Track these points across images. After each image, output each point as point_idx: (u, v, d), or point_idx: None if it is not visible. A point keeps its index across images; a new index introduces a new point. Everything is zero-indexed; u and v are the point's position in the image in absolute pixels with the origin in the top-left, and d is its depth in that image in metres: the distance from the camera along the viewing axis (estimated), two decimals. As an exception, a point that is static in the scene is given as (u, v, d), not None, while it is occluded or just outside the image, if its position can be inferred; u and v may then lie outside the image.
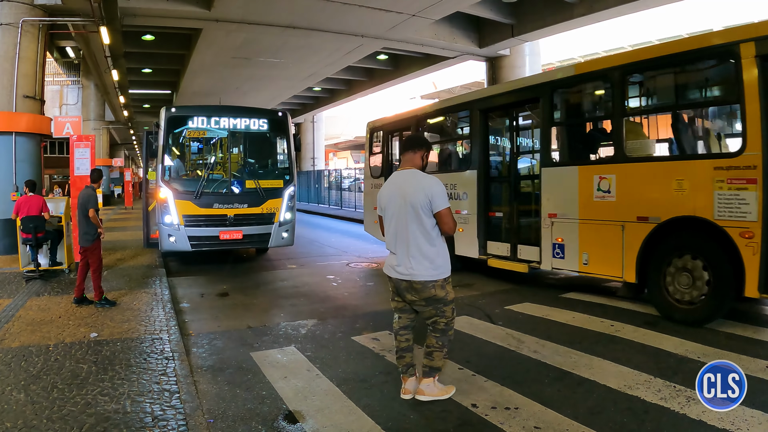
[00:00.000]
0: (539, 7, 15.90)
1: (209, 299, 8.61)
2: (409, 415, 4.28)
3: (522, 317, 7.24)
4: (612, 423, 4.09)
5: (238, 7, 14.03)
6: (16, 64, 11.93)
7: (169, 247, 10.75)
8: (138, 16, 14.44)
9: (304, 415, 4.28)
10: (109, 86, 24.76)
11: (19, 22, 11.78)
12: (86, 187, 7.91)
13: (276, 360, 5.62)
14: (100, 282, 7.68)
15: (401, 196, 4.33)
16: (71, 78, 32.80)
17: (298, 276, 10.52)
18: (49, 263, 10.02)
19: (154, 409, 4.22)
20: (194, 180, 11.07)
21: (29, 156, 12.37)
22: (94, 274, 7.66)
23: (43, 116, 12.92)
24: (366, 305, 8.11)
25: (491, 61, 19.49)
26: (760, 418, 4.07)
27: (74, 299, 7.67)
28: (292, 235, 11.60)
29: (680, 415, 4.19)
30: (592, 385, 4.80)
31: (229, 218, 10.74)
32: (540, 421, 4.12)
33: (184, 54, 20.20)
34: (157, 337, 6.06)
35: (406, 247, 4.32)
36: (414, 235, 4.28)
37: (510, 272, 9.49)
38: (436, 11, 14.38)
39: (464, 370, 5.23)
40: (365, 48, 18.58)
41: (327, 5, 13.70)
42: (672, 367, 5.20)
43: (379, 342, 6.17)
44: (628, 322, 6.86)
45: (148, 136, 11.73)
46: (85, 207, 7.63)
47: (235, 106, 13.91)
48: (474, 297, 8.50)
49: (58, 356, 5.39)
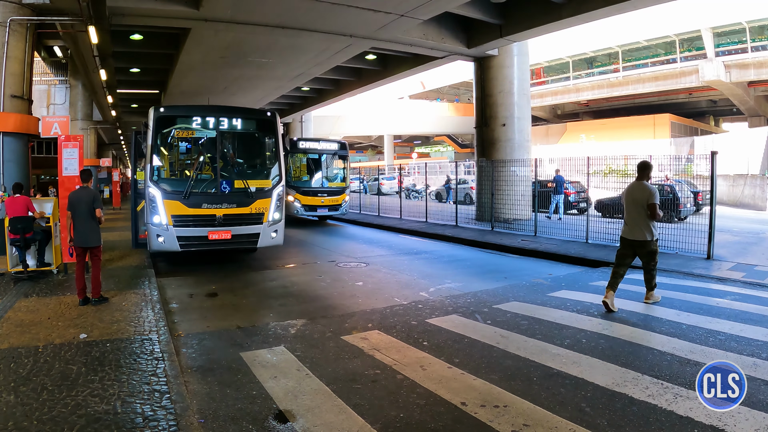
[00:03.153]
0: (527, 7, 15.94)
1: (198, 299, 8.59)
2: (399, 414, 4.32)
3: (510, 315, 7.30)
4: (600, 420, 4.14)
5: (226, 6, 13.96)
6: (4, 64, 11.82)
7: (157, 248, 10.72)
8: (126, 15, 14.32)
9: (294, 415, 4.30)
10: (97, 86, 24.56)
11: (7, 21, 11.67)
12: (84, 188, 7.90)
13: (266, 360, 5.64)
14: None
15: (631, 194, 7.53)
16: (59, 77, 32.47)
17: (287, 276, 10.52)
18: (37, 264, 9.96)
19: (145, 410, 4.22)
20: (183, 180, 11.03)
21: (17, 156, 12.26)
22: (100, 271, 7.85)
23: (31, 116, 12.81)
24: (355, 305, 8.12)
25: (480, 62, 19.52)
26: (746, 414, 4.14)
27: (80, 301, 7.64)
28: (281, 235, 11.60)
29: (667, 411, 4.25)
30: (580, 383, 4.85)
31: (218, 218, 10.73)
32: (529, 419, 4.17)
33: (173, 54, 20.05)
34: (147, 338, 6.05)
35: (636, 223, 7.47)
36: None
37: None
38: (424, 11, 14.37)
39: (453, 368, 5.27)
40: (354, 48, 18.54)
41: (316, 5, 13.66)
42: (660, 365, 5.27)
43: (369, 341, 6.20)
44: (616, 320, 6.95)
45: (137, 136, 11.68)
46: (92, 206, 7.71)
47: (224, 106, 13.88)
48: (462, 296, 8.55)
49: (48, 357, 5.37)
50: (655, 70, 44.34)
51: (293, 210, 19.76)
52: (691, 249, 11.93)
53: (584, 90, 50.20)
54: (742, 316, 7.11)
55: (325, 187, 20.86)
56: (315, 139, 22.36)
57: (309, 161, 21.08)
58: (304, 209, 20.18)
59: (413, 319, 7.22)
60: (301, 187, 20.31)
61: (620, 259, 7.67)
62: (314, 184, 20.76)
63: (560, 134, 53.28)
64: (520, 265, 11.76)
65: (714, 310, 7.44)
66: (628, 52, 46.19)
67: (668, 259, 11.52)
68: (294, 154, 20.53)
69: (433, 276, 10.27)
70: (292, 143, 20.38)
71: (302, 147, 20.89)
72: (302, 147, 20.89)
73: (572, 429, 4.00)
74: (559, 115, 60.18)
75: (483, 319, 7.16)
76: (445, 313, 7.50)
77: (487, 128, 19.39)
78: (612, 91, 48.33)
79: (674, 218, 15.45)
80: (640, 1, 14.89)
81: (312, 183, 20.77)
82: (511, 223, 17.13)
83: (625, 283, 9.00)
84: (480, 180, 19.35)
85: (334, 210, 20.98)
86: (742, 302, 7.89)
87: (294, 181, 20.25)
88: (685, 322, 6.81)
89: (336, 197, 20.90)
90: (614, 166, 17.05)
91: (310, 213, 20.64)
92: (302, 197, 20.11)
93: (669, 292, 8.54)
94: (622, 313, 7.29)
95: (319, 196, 20.45)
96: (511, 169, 17.33)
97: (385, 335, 6.43)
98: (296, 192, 20.04)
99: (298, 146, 20.72)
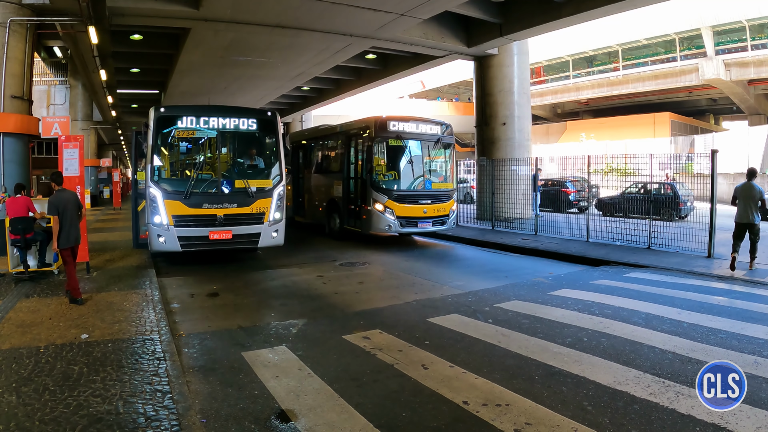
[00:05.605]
0: (527, 6, 15.93)
1: (199, 299, 8.59)
2: (401, 413, 4.32)
3: (511, 314, 7.30)
4: (602, 419, 4.14)
5: (226, 6, 13.95)
6: (4, 64, 11.79)
7: (158, 248, 10.71)
8: (126, 15, 14.31)
9: (296, 414, 4.30)
10: (97, 86, 24.54)
11: (7, 22, 11.65)
12: (63, 190, 8.11)
13: (267, 359, 5.64)
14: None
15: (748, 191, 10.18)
16: (59, 78, 32.48)
17: (288, 275, 10.52)
18: (38, 264, 9.96)
19: (147, 410, 4.22)
20: (183, 180, 11.02)
21: (17, 156, 12.25)
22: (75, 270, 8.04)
23: (31, 116, 12.80)
24: (356, 304, 8.12)
25: (480, 61, 19.52)
26: (748, 412, 4.15)
27: (78, 300, 7.69)
28: (282, 235, 11.59)
29: (669, 410, 4.26)
30: (582, 382, 4.86)
31: (219, 218, 10.73)
32: (531, 418, 4.17)
33: (173, 54, 20.04)
34: (148, 338, 6.05)
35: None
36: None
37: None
38: (424, 11, 14.36)
39: (455, 367, 5.27)
40: (354, 47, 18.53)
41: (315, 5, 13.65)
42: (661, 363, 5.27)
43: (370, 341, 6.20)
44: (617, 319, 6.95)
45: (137, 136, 11.66)
46: (79, 206, 8.02)
47: (224, 106, 13.87)
48: (463, 295, 8.55)
49: (49, 358, 5.37)
50: (655, 68, 44.28)
51: (384, 225, 13.75)
52: (691, 247, 11.93)
53: (584, 89, 50.15)
54: (743, 314, 7.12)
55: (430, 191, 14.60)
56: (411, 119, 14.88)
57: (402, 151, 14.61)
58: (400, 223, 13.83)
59: (414, 318, 7.22)
60: (395, 191, 13.94)
61: (739, 235, 10.31)
62: (414, 185, 14.50)
63: (560, 133, 53.21)
64: (521, 264, 11.76)
65: (715, 308, 7.44)
66: (628, 50, 46.13)
67: (669, 257, 11.52)
68: (382, 142, 14.14)
69: (434, 275, 10.27)
70: (380, 124, 14.06)
71: (394, 129, 14.18)
72: (394, 129, 14.18)
73: (574, 427, 4.00)
74: (559, 114, 60.10)
75: (484, 318, 7.16)
76: (447, 312, 7.49)
77: (488, 127, 19.41)
78: (612, 90, 48.26)
79: (675, 217, 15.46)
80: (639, 0, 14.90)
81: (411, 184, 14.49)
82: (512, 222, 17.12)
83: (626, 282, 9.02)
84: (480, 179, 19.32)
85: (440, 224, 14.69)
86: (743, 300, 7.90)
87: (382, 181, 14.04)
88: (686, 320, 6.82)
89: (443, 203, 14.67)
90: (614, 165, 17.05)
91: (410, 229, 14.31)
92: (398, 206, 13.78)
93: (670, 290, 8.55)
94: (623, 311, 7.29)
95: (420, 203, 14.25)
96: (511, 168, 17.33)
97: (387, 334, 6.43)
98: (388, 197, 13.76)
99: (388, 128, 14.10)
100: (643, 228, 13.20)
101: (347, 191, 14.86)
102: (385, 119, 14.14)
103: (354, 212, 14.61)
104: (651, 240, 12.85)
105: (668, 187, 17.63)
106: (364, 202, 14.03)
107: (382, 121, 14.10)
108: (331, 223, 15.99)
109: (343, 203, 15.06)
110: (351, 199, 14.76)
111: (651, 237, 12.88)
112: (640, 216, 15.00)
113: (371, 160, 13.82)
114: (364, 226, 14.09)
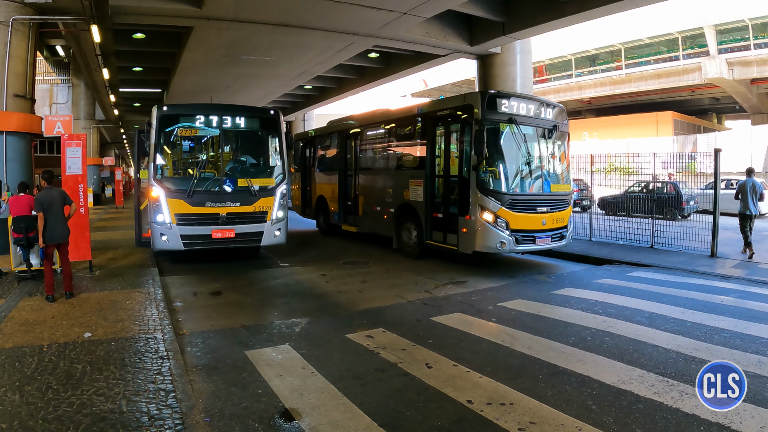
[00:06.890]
0: (530, 5, 15.89)
1: (202, 298, 8.58)
2: (405, 412, 4.31)
3: (515, 313, 7.29)
4: (606, 418, 4.13)
5: (229, 5, 13.94)
6: (7, 63, 11.80)
7: (161, 246, 10.71)
8: (129, 14, 14.31)
9: (300, 413, 4.29)
10: (99, 85, 24.57)
11: (10, 21, 11.66)
12: (51, 188, 8.22)
13: (271, 358, 5.63)
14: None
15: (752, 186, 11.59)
16: (61, 77, 32.55)
17: (291, 274, 10.52)
18: (40, 263, 9.95)
19: (150, 409, 4.22)
20: (186, 179, 11.02)
21: (20, 155, 12.26)
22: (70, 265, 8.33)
23: (33, 115, 12.80)
24: (359, 303, 8.11)
25: (482, 59, 19.46)
26: (752, 411, 4.13)
27: (49, 297, 7.82)
28: (285, 234, 11.59)
29: (673, 409, 4.25)
30: (586, 381, 4.85)
31: (222, 217, 10.73)
32: (535, 417, 4.16)
33: (175, 52, 20.04)
34: (152, 337, 6.05)
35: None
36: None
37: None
38: (427, 9, 14.34)
39: (459, 366, 5.26)
40: (356, 46, 18.50)
41: (318, 3, 13.63)
42: (665, 362, 5.26)
43: (374, 339, 6.19)
44: (621, 318, 6.93)
45: (140, 135, 11.66)
46: (64, 204, 8.19)
47: (227, 105, 13.84)
48: (467, 294, 8.54)
49: (52, 356, 5.37)
50: (658, 67, 44.19)
51: (495, 242, 9.96)
52: (694, 247, 11.92)
53: (587, 88, 50.07)
54: (746, 313, 7.10)
55: (549, 194, 10.79)
56: (525, 97, 11.29)
57: (516, 141, 10.31)
58: (515, 239, 10.06)
59: (418, 317, 7.21)
60: (508, 194, 10.09)
61: (745, 226, 11.76)
62: (529, 188, 10.60)
63: (562, 132, 53.11)
64: (525, 263, 11.75)
65: (718, 307, 7.43)
66: (630, 49, 46.05)
67: (672, 256, 11.51)
68: (489, 125, 10.00)
69: (437, 273, 10.26)
70: (490, 100, 10.11)
71: (506, 110, 10.27)
72: (506, 110, 10.27)
73: (578, 427, 3.99)
74: (561, 113, 60.03)
75: (488, 317, 7.15)
76: (450, 311, 7.49)
77: (491, 126, 19.21)
78: (614, 89, 48.17)
79: (677, 216, 15.43)
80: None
81: (527, 186, 10.58)
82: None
83: (629, 282, 9.00)
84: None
85: (558, 238, 10.85)
86: (747, 300, 7.89)
87: (489, 181, 10.05)
88: (690, 319, 6.80)
89: (562, 212, 10.89)
90: (617, 164, 17.01)
91: (527, 247, 10.48)
92: (513, 215, 9.99)
93: (673, 289, 8.53)
94: (627, 311, 7.28)
95: (539, 211, 10.44)
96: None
97: (391, 333, 6.42)
98: (501, 204, 9.96)
99: (498, 108, 10.19)
100: (646, 227, 13.19)
101: (431, 194, 11.40)
102: (495, 94, 10.43)
103: (442, 222, 11.12)
104: (654, 239, 12.84)
105: (671, 187, 17.61)
106: (464, 209, 10.32)
107: (491, 96, 10.30)
108: (402, 235, 12.47)
109: (426, 210, 11.43)
110: (437, 204, 11.30)
111: (654, 236, 12.87)
112: (643, 215, 14.99)
113: (480, 152, 9.89)
114: (463, 242, 10.40)
